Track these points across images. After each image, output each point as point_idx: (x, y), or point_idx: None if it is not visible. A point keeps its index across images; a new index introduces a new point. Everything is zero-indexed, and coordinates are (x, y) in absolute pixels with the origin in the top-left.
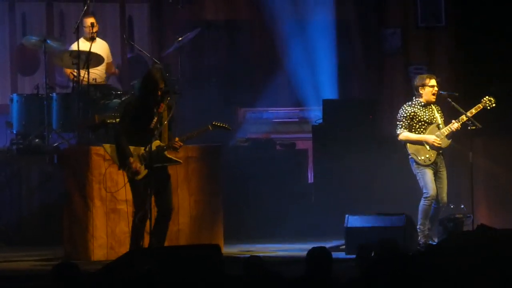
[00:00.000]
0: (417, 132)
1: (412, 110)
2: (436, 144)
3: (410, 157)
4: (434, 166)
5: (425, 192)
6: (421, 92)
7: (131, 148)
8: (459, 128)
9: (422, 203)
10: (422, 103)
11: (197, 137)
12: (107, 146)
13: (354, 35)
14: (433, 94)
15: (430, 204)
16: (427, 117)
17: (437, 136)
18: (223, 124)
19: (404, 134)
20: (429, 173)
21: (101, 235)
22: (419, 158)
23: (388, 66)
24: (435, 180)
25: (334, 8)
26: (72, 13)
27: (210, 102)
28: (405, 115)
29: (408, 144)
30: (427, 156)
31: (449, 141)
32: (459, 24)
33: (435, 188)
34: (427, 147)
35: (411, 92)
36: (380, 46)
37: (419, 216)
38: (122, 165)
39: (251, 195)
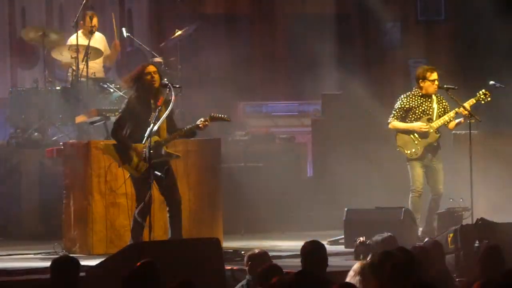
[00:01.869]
0: (408, 122)
1: (408, 103)
2: (422, 130)
3: (397, 149)
4: (422, 159)
5: (411, 185)
6: (421, 84)
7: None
8: (453, 126)
9: (410, 196)
10: (421, 94)
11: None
12: (106, 145)
13: (354, 29)
14: (435, 88)
15: (416, 196)
16: (423, 108)
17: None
18: (222, 116)
19: (393, 123)
20: (417, 166)
21: (101, 228)
22: (406, 151)
23: (387, 59)
24: (428, 172)
25: (334, 2)
26: (71, 7)
27: (209, 95)
28: (400, 106)
29: (397, 136)
30: (414, 150)
31: (437, 135)
32: (459, 18)
33: (422, 180)
34: (415, 140)
35: (411, 86)
36: (380, 40)
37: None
38: (125, 160)
39: (250, 189)
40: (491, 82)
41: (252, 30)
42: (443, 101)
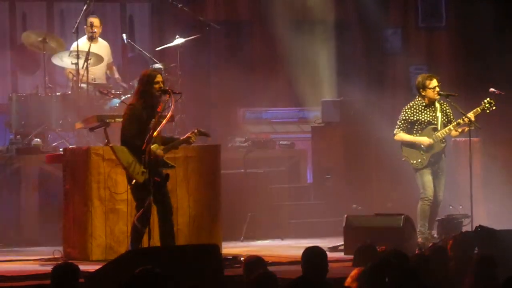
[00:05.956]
0: (414, 133)
1: (413, 114)
2: (427, 144)
3: (403, 159)
4: (431, 166)
5: (421, 193)
6: (423, 93)
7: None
8: (457, 134)
9: (420, 204)
10: (424, 104)
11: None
12: (119, 146)
13: (355, 35)
14: (436, 94)
15: (428, 204)
16: (428, 118)
17: (433, 138)
18: (206, 132)
19: (399, 135)
20: (426, 174)
21: (100, 234)
22: (412, 161)
23: (388, 66)
24: (433, 179)
25: (335, 8)
26: (72, 13)
27: (209, 102)
28: (405, 118)
29: (403, 147)
30: (419, 160)
31: (443, 145)
32: (459, 24)
33: (432, 188)
34: (420, 151)
35: (412, 92)
36: (381, 46)
37: (418, 217)
38: (135, 163)
39: (249, 195)
40: (491, 89)
41: (253, 37)
42: (447, 108)
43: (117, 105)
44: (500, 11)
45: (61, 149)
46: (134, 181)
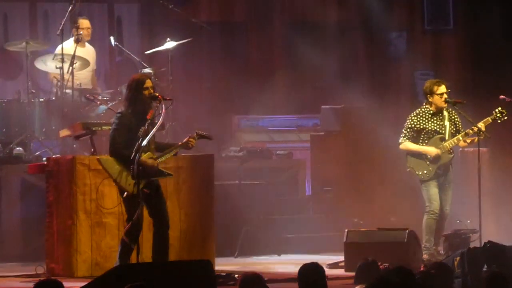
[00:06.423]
0: (420, 142)
1: (419, 123)
2: (434, 155)
3: (408, 170)
4: (438, 178)
5: (427, 206)
6: (430, 100)
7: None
8: (465, 145)
9: (425, 218)
10: (431, 112)
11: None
12: (107, 159)
13: (357, 38)
14: (444, 101)
15: (433, 218)
16: (435, 127)
17: (440, 149)
18: (206, 134)
19: (404, 144)
20: (432, 186)
21: (86, 249)
22: (418, 172)
23: (392, 71)
24: (440, 191)
25: (336, 9)
26: (57, 14)
27: (202, 109)
28: (411, 126)
29: (408, 157)
30: (425, 171)
31: (451, 156)
32: (468, 27)
33: (439, 201)
34: (427, 161)
35: (418, 99)
36: (385, 50)
37: (424, 232)
38: (127, 175)
39: (244, 208)
40: (501, 97)
41: (249, 39)
42: (455, 117)
43: (104, 112)
44: (511, 11)
45: (44, 159)
46: (125, 193)
